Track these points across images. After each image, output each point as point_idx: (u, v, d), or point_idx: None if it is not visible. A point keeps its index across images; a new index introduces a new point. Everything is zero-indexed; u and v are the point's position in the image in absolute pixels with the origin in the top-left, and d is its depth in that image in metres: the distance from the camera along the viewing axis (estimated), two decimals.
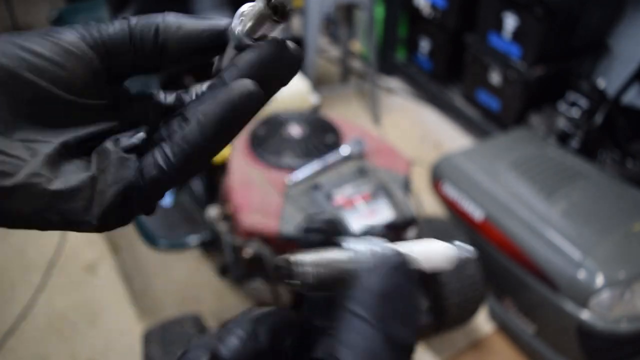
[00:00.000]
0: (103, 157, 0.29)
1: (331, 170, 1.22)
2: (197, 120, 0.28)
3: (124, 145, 0.29)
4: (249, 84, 0.29)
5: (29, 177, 0.27)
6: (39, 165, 0.27)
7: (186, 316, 1.51)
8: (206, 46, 0.31)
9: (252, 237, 1.14)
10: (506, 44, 2.49)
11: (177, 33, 0.30)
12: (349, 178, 1.18)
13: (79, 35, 0.29)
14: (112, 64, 0.30)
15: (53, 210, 0.28)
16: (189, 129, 0.28)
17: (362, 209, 1.11)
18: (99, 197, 0.28)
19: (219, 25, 0.31)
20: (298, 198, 1.16)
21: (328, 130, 1.33)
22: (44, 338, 1.88)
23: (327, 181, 1.17)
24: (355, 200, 1.13)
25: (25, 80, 0.27)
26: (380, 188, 1.16)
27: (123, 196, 0.28)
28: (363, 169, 1.20)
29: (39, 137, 0.28)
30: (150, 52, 0.30)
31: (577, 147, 2.23)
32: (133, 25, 0.30)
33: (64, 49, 0.28)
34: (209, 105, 0.28)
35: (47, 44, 0.28)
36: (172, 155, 0.28)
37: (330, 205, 1.12)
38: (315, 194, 1.15)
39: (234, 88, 0.29)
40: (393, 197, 1.16)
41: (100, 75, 0.29)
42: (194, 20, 0.31)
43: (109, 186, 0.28)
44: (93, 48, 0.29)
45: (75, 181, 0.28)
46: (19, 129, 0.27)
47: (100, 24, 0.30)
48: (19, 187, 0.27)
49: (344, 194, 1.14)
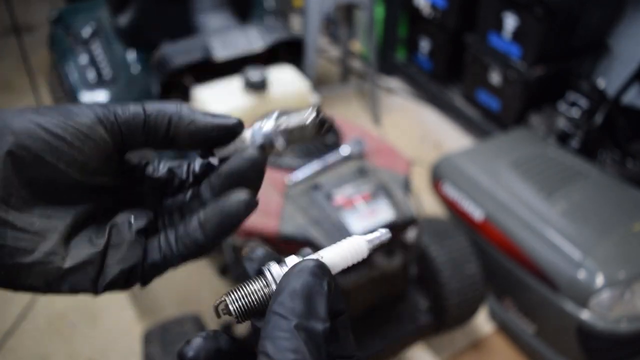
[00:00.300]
0: (116, 234, 0.32)
1: (331, 170, 1.22)
2: (199, 222, 0.33)
3: (136, 227, 0.32)
4: (245, 195, 0.32)
5: (47, 255, 0.30)
6: (55, 243, 0.30)
7: (186, 316, 1.51)
8: (213, 140, 0.35)
9: (252, 237, 1.14)
10: (506, 44, 2.49)
11: (189, 127, 0.33)
12: (349, 178, 1.18)
13: (97, 119, 0.31)
14: (124, 146, 0.33)
15: (63, 283, 0.31)
16: (192, 229, 0.33)
17: (362, 209, 1.11)
18: (105, 271, 0.32)
19: (228, 123, 0.34)
20: (298, 198, 1.16)
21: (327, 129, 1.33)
22: (44, 338, 1.88)
23: (327, 181, 1.17)
24: (355, 200, 1.13)
25: (46, 163, 0.30)
26: (380, 188, 1.16)
27: (127, 273, 0.32)
28: (363, 169, 1.20)
29: (54, 213, 0.31)
30: (161, 140, 0.33)
31: (577, 147, 2.23)
32: (148, 112, 0.33)
33: (83, 134, 0.31)
34: (210, 212, 0.32)
35: (68, 128, 0.30)
36: (175, 247, 0.33)
37: (330, 205, 1.12)
38: (315, 194, 1.15)
39: (231, 199, 0.32)
40: (393, 197, 1.16)
41: (112, 157, 0.32)
42: (206, 117, 0.34)
43: (116, 263, 0.32)
44: (109, 132, 0.32)
45: (85, 256, 0.31)
46: (36, 206, 0.30)
47: (117, 106, 0.32)
48: (36, 264, 0.29)
49: (344, 194, 1.14)
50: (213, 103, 1.50)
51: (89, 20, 2.12)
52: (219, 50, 1.60)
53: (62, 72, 2.11)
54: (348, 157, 1.24)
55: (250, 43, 1.64)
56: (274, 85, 1.56)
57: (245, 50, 1.62)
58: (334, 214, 1.10)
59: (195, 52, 1.59)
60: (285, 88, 1.57)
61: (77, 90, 2.08)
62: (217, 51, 1.59)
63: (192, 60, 1.57)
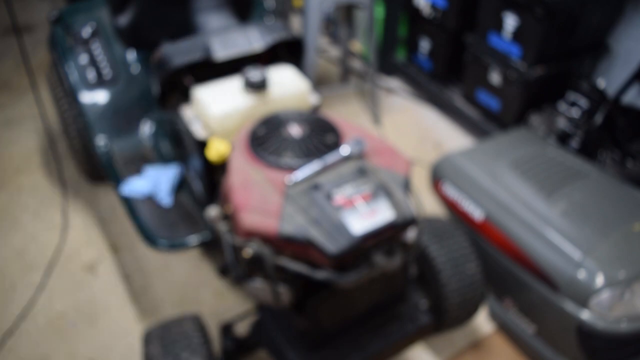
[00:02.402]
0: None
1: (331, 170, 1.22)
2: None
3: None
4: None
5: None
6: None
7: (186, 316, 1.51)
8: None
9: (252, 237, 1.14)
10: (506, 44, 2.49)
11: None
12: (349, 178, 1.18)
13: None
14: None
15: None
16: None
17: (362, 209, 1.11)
18: None
19: None
20: (298, 198, 1.16)
21: (328, 130, 1.33)
22: (44, 338, 1.88)
23: (327, 181, 1.17)
24: (355, 200, 1.12)
25: None
26: (380, 188, 1.15)
27: None
28: (363, 169, 1.20)
29: None
30: None
31: (577, 147, 2.23)
32: None
33: None
34: None
35: None
36: None
37: (330, 205, 1.11)
38: (315, 194, 1.15)
39: None
40: (393, 197, 1.16)
41: None
42: None
43: None
44: None
45: None
46: None
47: None
48: None
49: (343, 194, 1.14)
50: (213, 103, 1.50)
51: (89, 20, 2.12)
52: (218, 50, 1.59)
53: (62, 72, 2.11)
54: (348, 157, 1.24)
55: (250, 43, 1.63)
56: (274, 86, 1.55)
57: (245, 50, 1.62)
58: (334, 214, 1.09)
59: (195, 52, 1.58)
60: (285, 88, 1.57)
61: (77, 90, 2.08)
62: (217, 51, 1.59)
63: (192, 60, 1.57)
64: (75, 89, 2.08)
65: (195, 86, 1.60)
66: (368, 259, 1.15)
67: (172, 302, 2.01)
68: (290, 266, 1.12)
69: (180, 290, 2.05)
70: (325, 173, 1.21)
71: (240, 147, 1.30)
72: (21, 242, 2.25)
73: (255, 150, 1.26)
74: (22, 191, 2.51)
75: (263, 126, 1.34)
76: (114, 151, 2.11)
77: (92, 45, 2.09)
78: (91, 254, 2.20)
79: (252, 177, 1.21)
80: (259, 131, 1.32)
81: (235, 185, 1.19)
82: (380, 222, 1.10)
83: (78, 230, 2.30)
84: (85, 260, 2.17)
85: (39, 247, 2.23)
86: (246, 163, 1.25)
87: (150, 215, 1.86)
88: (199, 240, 1.77)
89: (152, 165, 2.08)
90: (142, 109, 2.14)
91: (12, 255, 2.19)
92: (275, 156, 1.24)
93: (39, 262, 2.16)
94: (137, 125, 2.15)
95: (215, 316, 1.94)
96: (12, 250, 2.21)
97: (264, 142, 1.28)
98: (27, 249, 2.22)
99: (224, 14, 1.88)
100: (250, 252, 1.13)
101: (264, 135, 1.30)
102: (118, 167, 2.05)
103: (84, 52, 2.08)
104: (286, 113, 1.39)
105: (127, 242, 2.25)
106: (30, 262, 2.16)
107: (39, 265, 2.14)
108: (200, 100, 1.53)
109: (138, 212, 1.88)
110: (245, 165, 1.25)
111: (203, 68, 1.69)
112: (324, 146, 1.28)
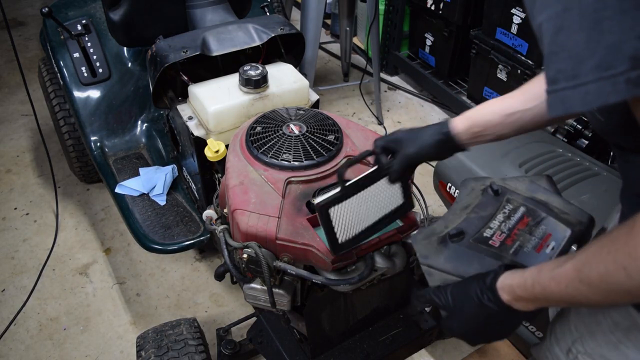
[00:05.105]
0: None
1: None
2: None
3: None
4: None
5: None
6: None
7: (182, 320, 1.46)
8: None
9: (250, 239, 1.09)
10: (514, 40, 2.43)
11: None
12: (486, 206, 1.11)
13: None
14: None
15: None
16: None
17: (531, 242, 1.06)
18: None
19: None
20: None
21: (329, 128, 1.28)
22: (35, 343, 1.82)
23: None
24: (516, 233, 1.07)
25: None
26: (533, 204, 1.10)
27: None
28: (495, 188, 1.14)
29: None
30: None
31: (585, 146, 2.17)
32: None
33: None
34: None
35: None
36: None
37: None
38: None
39: None
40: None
41: None
42: None
43: None
44: None
45: None
46: None
47: None
48: None
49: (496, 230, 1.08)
50: (210, 100, 1.44)
51: (81, 15, 2.06)
52: (215, 46, 1.54)
53: (55, 68, 2.05)
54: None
55: (247, 38, 1.58)
56: (272, 82, 1.50)
57: (243, 46, 1.56)
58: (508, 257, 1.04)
59: (191, 48, 1.53)
60: (284, 85, 1.51)
61: (70, 86, 2.02)
62: (213, 47, 1.53)
63: (188, 56, 1.51)
64: (67, 85, 2.02)
65: (191, 83, 1.55)
66: (370, 261, 1.09)
67: (168, 305, 1.95)
68: (289, 269, 1.07)
69: (175, 293, 2.00)
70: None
71: (238, 146, 1.24)
72: (12, 243, 2.19)
73: (253, 149, 1.20)
74: (13, 191, 2.45)
75: (261, 124, 1.28)
76: (108, 149, 2.05)
77: (85, 41, 2.03)
78: (84, 257, 2.14)
79: (250, 177, 1.15)
80: (257, 129, 1.26)
81: (232, 185, 1.14)
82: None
83: (70, 231, 2.25)
84: (78, 263, 2.11)
85: (30, 249, 2.17)
86: (244, 163, 1.20)
87: (144, 217, 1.81)
88: (194, 243, 1.72)
89: (146, 163, 2.02)
90: (136, 107, 2.09)
91: (2, 258, 2.13)
92: (274, 155, 1.18)
93: (30, 264, 2.10)
94: (131, 122, 2.10)
95: (212, 320, 1.88)
96: (2, 253, 2.15)
97: (262, 141, 1.22)
98: (18, 251, 2.16)
99: (221, 9, 1.82)
100: (248, 254, 1.07)
101: (262, 134, 1.24)
102: (111, 166, 2.00)
103: (76, 48, 2.02)
104: (285, 110, 1.33)
105: (120, 244, 2.19)
106: (21, 265, 2.10)
107: (30, 268, 2.09)
108: (197, 97, 1.48)
109: (132, 212, 1.82)
110: (243, 165, 1.19)
111: (199, 64, 1.64)
112: (325, 145, 1.22)
